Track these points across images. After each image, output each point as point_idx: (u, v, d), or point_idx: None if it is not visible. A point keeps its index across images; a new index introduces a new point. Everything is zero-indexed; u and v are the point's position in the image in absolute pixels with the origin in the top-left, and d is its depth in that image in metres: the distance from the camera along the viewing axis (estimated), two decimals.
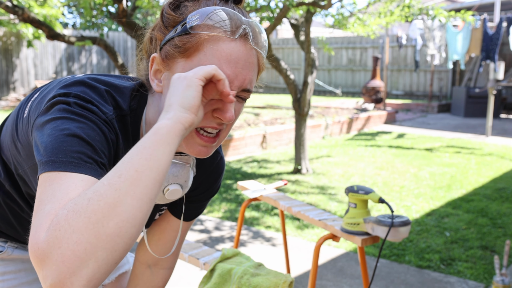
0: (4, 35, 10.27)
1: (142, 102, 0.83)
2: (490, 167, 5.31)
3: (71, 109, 0.71)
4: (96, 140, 0.69)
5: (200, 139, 0.76)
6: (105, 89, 0.78)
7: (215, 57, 0.71)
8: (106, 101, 0.77)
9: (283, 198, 2.10)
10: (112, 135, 0.75)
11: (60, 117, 0.69)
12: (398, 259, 2.87)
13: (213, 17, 0.72)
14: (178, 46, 0.73)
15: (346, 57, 13.42)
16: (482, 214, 3.70)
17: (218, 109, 0.74)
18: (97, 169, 0.67)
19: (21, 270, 1.01)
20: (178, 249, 1.06)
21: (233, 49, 0.72)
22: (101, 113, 0.73)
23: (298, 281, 2.58)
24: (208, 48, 0.72)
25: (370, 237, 1.65)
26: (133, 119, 0.81)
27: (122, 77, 0.86)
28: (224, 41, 0.72)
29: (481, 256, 2.91)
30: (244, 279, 1.34)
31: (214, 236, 3.25)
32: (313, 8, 4.33)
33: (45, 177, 0.65)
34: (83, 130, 0.69)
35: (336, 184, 4.56)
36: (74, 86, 0.76)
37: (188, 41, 0.72)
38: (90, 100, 0.74)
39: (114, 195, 0.58)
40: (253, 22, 0.75)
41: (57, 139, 0.67)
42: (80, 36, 4.10)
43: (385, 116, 8.97)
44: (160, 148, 0.62)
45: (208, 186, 1.00)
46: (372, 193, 1.62)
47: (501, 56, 9.83)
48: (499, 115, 9.66)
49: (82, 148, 0.67)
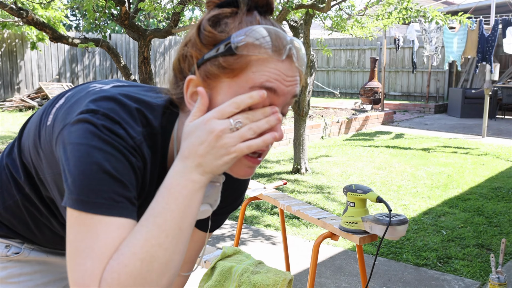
0: (9, 37, 10.27)
1: (172, 119, 0.80)
2: (486, 166, 5.36)
3: (98, 133, 0.68)
4: (124, 174, 0.68)
5: (248, 162, 0.74)
6: (136, 107, 0.75)
7: (263, 75, 0.69)
8: (136, 121, 0.73)
9: (282, 197, 2.13)
10: (139, 163, 0.72)
11: (87, 144, 0.67)
12: (395, 257, 2.92)
13: (259, 36, 0.69)
14: (223, 66, 0.70)
15: (344, 59, 13.46)
16: (478, 213, 3.75)
17: (267, 130, 0.70)
18: (128, 207, 0.68)
19: (36, 271, 0.99)
20: (196, 258, 1.03)
21: (281, 69, 0.70)
22: (129, 138, 0.71)
23: (298, 279, 2.62)
24: (256, 67, 0.69)
25: (368, 236, 1.66)
26: (164, 137, 0.79)
27: (151, 90, 0.83)
28: (272, 62, 0.70)
29: (477, 254, 2.95)
30: (245, 277, 1.36)
31: (214, 234, 3.28)
32: (312, 11, 4.38)
33: (77, 217, 0.66)
34: (111, 164, 0.67)
35: (335, 183, 4.60)
36: (104, 102, 0.73)
37: (235, 62, 0.69)
38: (119, 121, 0.71)
39: (165, 256, 0.65)
40: (294, 40, 0.74)
41: (85, 174, 0.66)
42: (83, 38, 4.13)
43: (383, 116, 9.02)
44: (193, 205, 0.67)
45: (231, 201, 0.99)
46: (370, 192, 1.64)
47: (496, 57, 9.89)
48: (494, 115, 9.71)
49: (113, 187, 0.67)
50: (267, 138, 0.68)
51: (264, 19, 0.74)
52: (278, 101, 0.72)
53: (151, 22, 14.15)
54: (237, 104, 0.67)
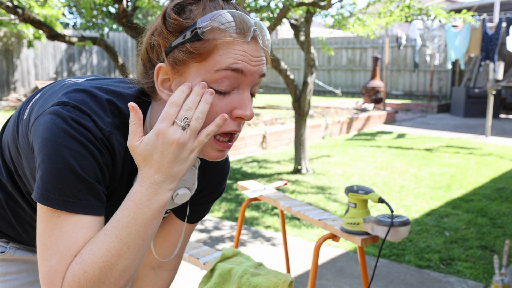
0: (5, 35, 10.27)
1: (144, 108, 0.82)
2: (490, 167, 5.31)
3: (65, 128, 0.71)
4: (89, 171, 0.72)
5: (218, 145, 0.78)
6: (107, 98, 0.78)
7: (229, 57, 0.73)
8: (106, 112, 0.76)
9: (283, 198, 2.11)
10: (106, 156, 0.75)
11: (54, 140, 0.70)
12: (397, 259, 2.88)
13: (223, 21, 0.73)
14: (191, 52, 0.73)
15: (346, 57, 13.43)
16: (481, 214, 3.71)
17: (237, 109, 0.75)
18: (93, 204, 0.72)
19: (22, 270, 1.01)
20: (182, 251, 1.05)
21: (247, 50, 0.74)
22: (97, 130, 0.73)
23: (298, 281, 2.58)
24: (222, 50, 0.73)
25: (370, 237, 1.65)
26: None
27: (123, 82, 0.86)
28: (238, 44, 0.73)
29: (480, 256, 2.91)
30: (244, 279, 1.35)
31: (214, 236, 3.25)
32: (313, 9, 4.34)
33: (44, 212, 0.72)
34: (77, 162, 0.70)
35: (336, 184, 4.57)
36: (76, 94, 0.76)
37: (202, 46, 0.73)
38: (88, 113, 0.74)
39: (125, 263, 0.70)
40: (258, 22, 0.77)
41: (51, 171, 0.70)
42: (81, 36, 4.10)
43: (385, 116, 8.98)
44: (159, 216, 0.73)
45: (213, 189, 1.00)
46: (371, 193, 1.63)
47: (500, 56, 9.83)
48: (498, 115, 9.66)
49: (77, 185, 0.71)
50: (218, 122, 0.73)
51: (227, 4, 0.77)
52: (246, 81, 0.75)
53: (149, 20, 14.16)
54: (175, 103, 0.72)
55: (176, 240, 1.02)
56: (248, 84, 0.76)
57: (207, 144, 0.77)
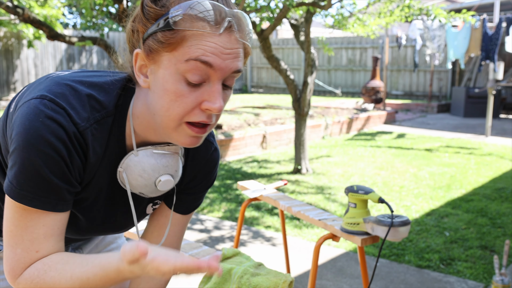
0: (5, 35, 10.26)
1: (129, 96, 0.83)
2: (490, 167, 5.31)
3: (36, 126, 0.73)
4: (54, 169, 0.75)
5: (191, 130, 0.77)
6: (88, 93, 0.79)
7: (199, 48, 0.72)
8: (84, 107, 0.78)
9: (283, 198, 2.10)
10: (75, 155, 0.77)
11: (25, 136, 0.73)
12: (397, 259, 2.88)
13: (196, 11, 0.72)
14: (161, 41, 0.73)
15: (346, 57, 13.43)
16: (481, 214, 3.71)
17: (206, 101, 0.75)
18: (51, 202, 0.77)
19: None
20: (179, 245, 1.05)
21: (218, 42, 0.72)
22: (71, 125, 0.75)
23: (298, 281, 2.58)
24: (192, 41, 0.72)
25: (370, 237, 1.65)
26: (120, 116, 0.83)
27: (111, 73, 0.86)
28: (209, 36, 0.72)
29: (480, 256, 2.91)
30: (244, 279, 1.35)
31: (214, 236, 3.25)
32: (313, 9, 4.34)
33: (11, 204, 0.77)
34: (42, 160, 0.73)
35: (336, 184, 4.57)
36: (56, 86, 0.78)
37: (172, 37, 0.72)
38: (64, 107, 0.75)
39: None
40: (237, 13, 0.75)
41: (19, 166, 0.74)
42: (81, 36, 4.10)
43: (385, 116, 8.98)
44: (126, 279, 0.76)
45: (203, 177, 0.99)
46: (371, 193, 1.63)
47: (500, 56, 9.83)
48: (498, 115, 9.66)
49: (38, 183, 0.75)
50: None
51: None
52: (216, 75, 0.74)
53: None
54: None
55: (171, 232, 1.01)
56: (219, 78, 0.75)
57: (181, 131, 0.77)
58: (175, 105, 0.75)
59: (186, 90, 0.74)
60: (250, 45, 0.79)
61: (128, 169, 0.84)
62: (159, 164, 0.84)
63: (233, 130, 6.31)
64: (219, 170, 5.05)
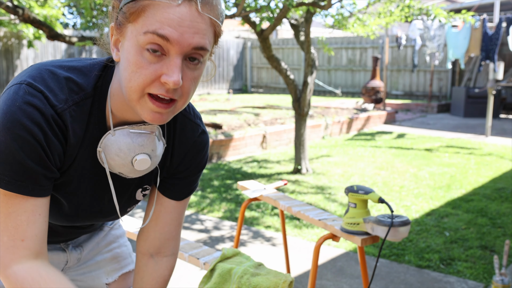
0: (5, 35, 10.26)
1: (108, 77, 0.84)
2: (490, 167, 5.31)
3: (13, 111, 0.74)
4: (30, 154, 0.76)
5: (152, 104, 0.77)
6: (66, 76, 0.80)
7: (157, 20, 0.71)
8: (62, 89, 0.79)
9: (283, 198, 2.10)
10: (53, 138, 0.78)
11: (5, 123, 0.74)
12: (397, 259, 2.88)
13: None
14: (125, 13, 0.74)
15: (346, 57, 13.43)
16: (481, 214, 3.71)
17: (164, 74, 0.74)
18: (27, 187, 0.77)
19: None
20: (177, 233, 1.04)
21: (175, 13, 0.71)
22: (48, 107, 0.76)
23: (298, 281, 2.58)
24: (150, 12, 0.72)
25: (370, 237, 1.65)
26: (99, 97, 0.83)
27: (93, 59, 0.88)
28: (166, 6, 0.71)
29: (480, 256, 2.91)
30: (244, 279, 1.35)
31: (214, 235, 3.25)
32: (313, 9, 4.34)
33: None
34: (19, 145, 0.74)
35: (336, 184, 4.56)
36: (35, 71, 0.79)
37: (132, 7, 0.73)
38: (42, 90, 0.77)
39: None
40: None
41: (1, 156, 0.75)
42: (81, 36, 4.10)
43: (385, 116, 8.98)
44: None
45: (192, 159, 0.98)
46: (371, 193, 1.63)
47: (500, 56, 9.83)
48: (498, 115, 9.65)
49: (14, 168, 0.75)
50: None
51: None
52: (174, 49, 0.73)
53: None
54: None
55: (168, 220, 1.01)
56: (177, 52, 0.73)
57: (143, 103, 0.77)
58: (135, 76, 0.74)
59: (145, 61, 0.74)
60: (221, 23, 0.77)
61: (106, 148, 0.85)
62: (135, 143, 0.85)
63: (233, 130, 6.31)
64: (219, 170, 5.05)
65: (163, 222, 1.01)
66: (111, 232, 1.17)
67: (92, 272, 1.12)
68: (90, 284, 1.11)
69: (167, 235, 1.02)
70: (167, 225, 1.01)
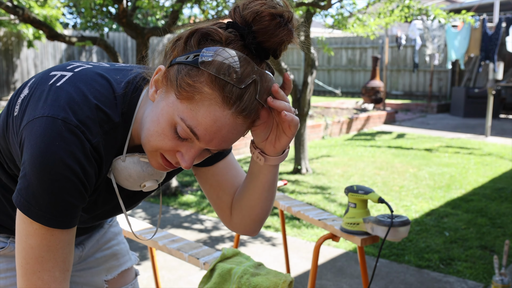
0: (5, 35, 10.26)
1: (135, 99, 0.83)
2: (490, 167, 5.31)
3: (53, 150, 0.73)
4: (71, 191, 0.75)
5: (161, 161, 0.80)
6: (95, 104, 0.78)
7: (197, 118, 0.72)
8: (95, 121, 0.77)
9: (282, 198, 2.10)
10: (90, 171, 0.78)
11: (41, 161, 0.73)
12: (397, 259, 2.88)
13: (225, 67, 0.70)
14: (178, 84, 0.73)
15: (345, 57, 13.43)
16: (481, 214, 3.71)
17: (181, 153, 0.77)
18: (65, 221, 0.77)
19: None
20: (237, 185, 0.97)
21: (217, 120, 0.72)
22: (86, 143, 0.75)
23: (298, 281, 2.58)
24: (197, 104, 0.72)
25: (369, 237, 1.65)
26: (124, 124, 0.83)
27: (125, 70, 0.86)
28: (218, 106, 0.71)
29: (480, 256, 2.91)
30: (244, 279, 1.35)
31: (214, 235, 3.25)
32: (313, 9, 4.34)
33: (23, 219, 0.77)
34: (60, 184, 0.74)
35: (336, 184, 4.57)
36: (64, 100, 0.76)
37: (188, 86, 0.72)
38: (78, 125, 0.75)
39: None
40: (257, 103, 0.73)
41: (31, 186, 0.74)
42: (81, 36, 4.10)
43: (385, 116, 8.98)
44: None
45: None
46: (371, 193, 1.63)
47: (500, 56, 9.83)
48: (498, 115, 9.66)
49: (55, 205, 0.75)
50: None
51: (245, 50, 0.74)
52: (200, 144, 0.75)
53: (149, 20, 14.17)
54: None
55: (231, 176, 0.95)
56: (202, 147, 0.76)
57: (154, 155, 0.79)
58: (157, 139, 0.76)
59: (170, 135, 0.75)
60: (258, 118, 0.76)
61: (115, 171, 0.85)
62: (145, 172, 0.86)
63: None
64: None
65: (229, 182, 0.95)
66: (110, 229, 1.18)
67: (91, 268, 1.13)
68: (89, 280, 1.12)
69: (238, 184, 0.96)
70: (236, 177, 0.95)
